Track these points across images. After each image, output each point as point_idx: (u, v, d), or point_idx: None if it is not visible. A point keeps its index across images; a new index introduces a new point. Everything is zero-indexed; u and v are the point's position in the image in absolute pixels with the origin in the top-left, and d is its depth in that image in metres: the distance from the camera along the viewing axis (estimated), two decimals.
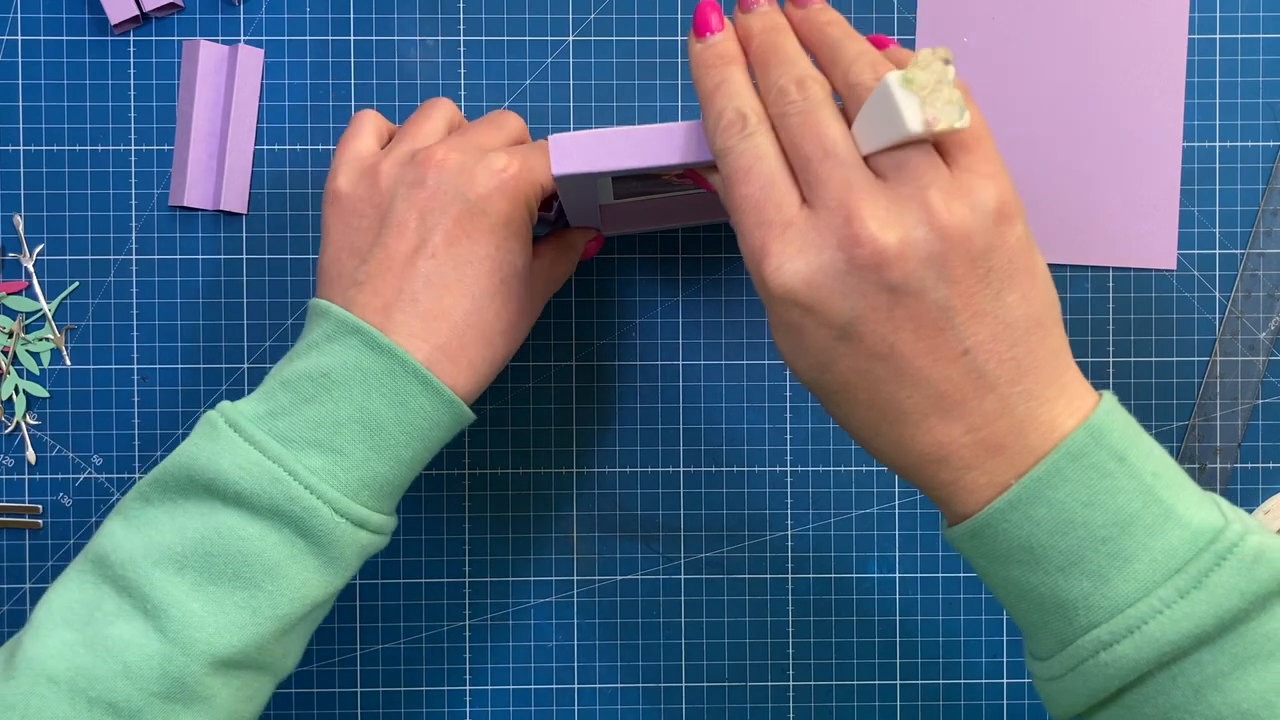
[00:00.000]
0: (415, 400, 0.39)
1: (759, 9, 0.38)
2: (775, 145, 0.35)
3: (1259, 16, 0.54)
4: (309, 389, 0.39)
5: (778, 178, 0.34)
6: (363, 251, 0.41)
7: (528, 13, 0.53)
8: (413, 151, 0.42)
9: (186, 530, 0.38)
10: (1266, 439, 0.54)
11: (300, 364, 0.40)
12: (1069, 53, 0.53)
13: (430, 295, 0.40)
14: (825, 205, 0.33)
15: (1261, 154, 0.54)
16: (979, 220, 0.33)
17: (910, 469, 0.35)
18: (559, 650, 0.54)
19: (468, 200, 0.40)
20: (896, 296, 0.33)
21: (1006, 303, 0.33)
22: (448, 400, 0.40)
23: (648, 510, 0.54)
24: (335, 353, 0.39)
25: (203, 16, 0.53)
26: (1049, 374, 0.34)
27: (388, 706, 0.54)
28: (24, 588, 0.53)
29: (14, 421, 0.53)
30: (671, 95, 0.53)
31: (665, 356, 0.54)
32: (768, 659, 0.54)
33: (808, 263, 0.33)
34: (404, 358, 0.39)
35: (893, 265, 0.32)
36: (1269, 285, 0.54)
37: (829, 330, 0.34)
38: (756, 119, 0.35)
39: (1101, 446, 0.33)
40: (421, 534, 0.54)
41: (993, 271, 0.33)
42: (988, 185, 0.33)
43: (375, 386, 0.39)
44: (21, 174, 0.53)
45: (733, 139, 0.35)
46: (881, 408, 0.34)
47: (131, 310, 0.53)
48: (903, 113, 0.32)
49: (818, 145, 0.34)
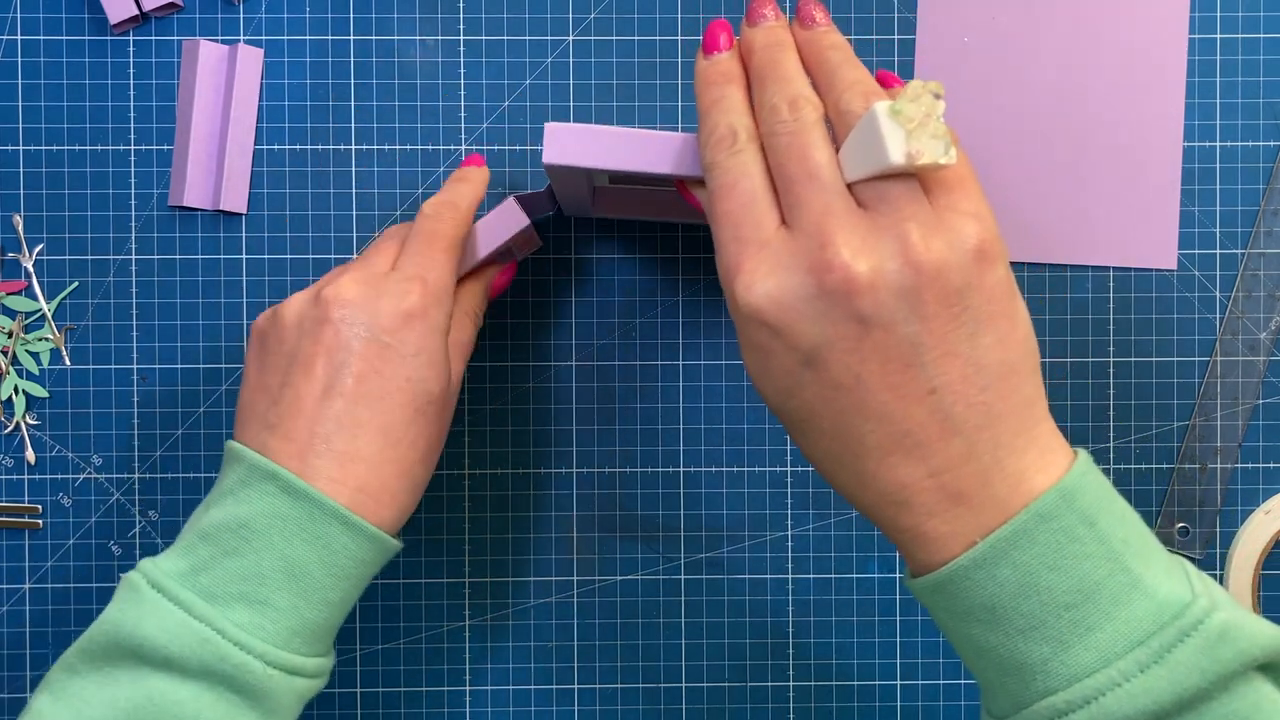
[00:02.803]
0: (338, 542, 0.38)
1: (765, 24, 0.38)
2: (762, 164, 0.35)
3: (1259, 16, 0.54)
4: (229, 541, 0.38)
5: (759, 196, 0.34)
6: (274, 392, 0.40)
7: (528, 13, 0.53)
8: (319, 289, 0.41)
9: (117, 701, 0.36)
10: (1266, 439, 0.54)
11: (218, 513, 0.39)
12: (1069, 53, 0.53)
13: (343, 437, 0.39)
14: (802, 228, 0.33)
15: (1261, 154, 0.54)
16: (957, 258, 0.32)
17: (870, 507, 0.34)
18: (559, 650, 0.54)
19: (374, 335, 0.40)
20: (865, 327, 0.32)
21: (980, 345, 0.33)
22: (372, 537, 0.39)
23: (648, 510, 0.54)
24: (252, 500, 0.38)
25: (203, 16, 0.53)
26: (1020, 423, 0.33)
27: (388, 706, 0.54)
28: (24, 588, 0.53)
29: (14, 421, 0.53)
30: (671, 95, 0.53)
31: (665, 356, 0.54)
32: (768, 659, 0.54)
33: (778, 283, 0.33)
34: (323, 501, 0.38)
35: (863, 294, 0.32)
36: (1269, 285, 0.54)
37: (795, 355, 0.33)
38: (746, 136, 0.35)
39: (1072, 509, 0.32)
40: (421, 534, 0.54)
41: (968, 311, 0.32)
42: (969, 223, 0.33)
43: (296, 533, 0.38)
44: (21, 174, 0.53)
45: (721, 154, 0.35)
46: (844, 439, 0.33)
47: (131, 310, 0.53)
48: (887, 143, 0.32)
49: (802, 167, 0.34)
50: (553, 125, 0.39)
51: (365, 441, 0.39)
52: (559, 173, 0.42)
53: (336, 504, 0.38)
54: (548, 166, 0.40)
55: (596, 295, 0.54)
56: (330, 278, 0.42)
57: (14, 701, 0.53)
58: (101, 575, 0.53)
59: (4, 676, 0.53)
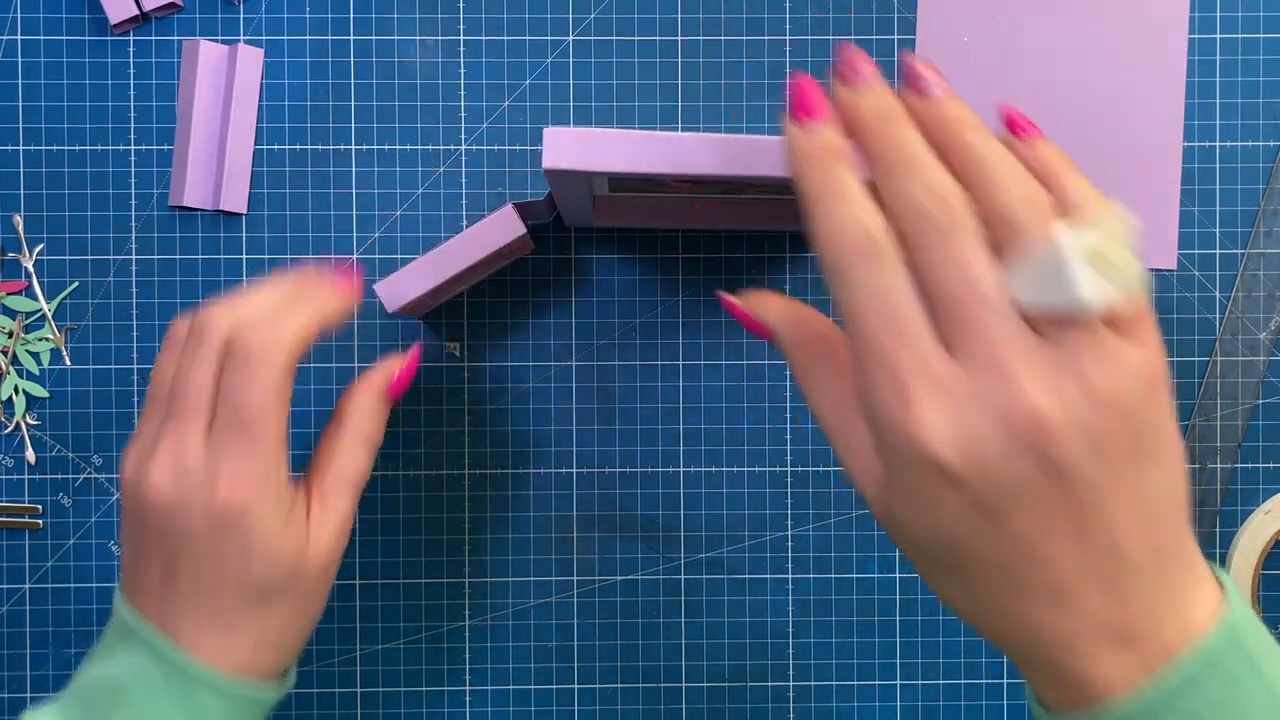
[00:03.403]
0: (205, 702, 0.37)
1: (867, 87, 0.32)
2: (908, 277, 0.30)
3: (1259, 16, 0.54)
4: (101, 702, 0.36)
5: (914, 320, 0.29)
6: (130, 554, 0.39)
7: (528, 13, 0.53)
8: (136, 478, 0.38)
9: None
10: (1266, 439, 0.54)
11: (96, 668, 0.38)
12: (1069, 53, 0.53)
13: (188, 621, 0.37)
14: (977, 362, 0.29)
15: (1261, 154, 0.54)
16: (1135, 392, 0.29)
17: (1020, 647, 0.31)
18: (559, 650, 0.54)
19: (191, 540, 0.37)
20: (1051, 477, 0.29)
21: (1151, 483, 0.30)
22: (242, 699, 0.37)
23: (648, 510, 0.54)
24: (121, 658, 0.37)
25: (203, 16, 0.53)
26: (1183, 559, 0.31)
27: (388, 706, 0.54)
28: (24, 588, 0.53)
29: (14, 421, 0.53)
30: (671, 95, 0.53)
31: (665, 356, 0.54)
32: (768, 659, 0.54)
33: (963, 430, 0.29)
34: (183, 664, 0.37)
35: (1055, 443, 0.28)
36: (1269, 285, 0.54)
37: (972, 505, 0.29)
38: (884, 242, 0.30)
39: (1239, 652, 0.30)
40: (421, 534, 0.54)
41: (1142, 448, 0.29)
42: (1143, 351, 0.29)
43: (161, 695, 0.36)
44: (21, 174, 0.53)
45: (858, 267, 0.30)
46: (1004, 585, 0.30)
47: (131, 310, 0.53)
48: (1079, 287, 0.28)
49: (968, 288, 0.29)
50: (552, 130, 0.38)
51: (209, 626, 0.37)
52: (559, 178, 0.41)
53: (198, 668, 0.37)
54: (548, 172, 0.40)
55: (596, 295, 0.54)
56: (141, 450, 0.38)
57: (14, 701, 0.53)
58: (101, 575, 0.53)
59: (4, 676, 0.53)
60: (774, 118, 0.54)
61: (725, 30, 0.54)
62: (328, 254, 0.53)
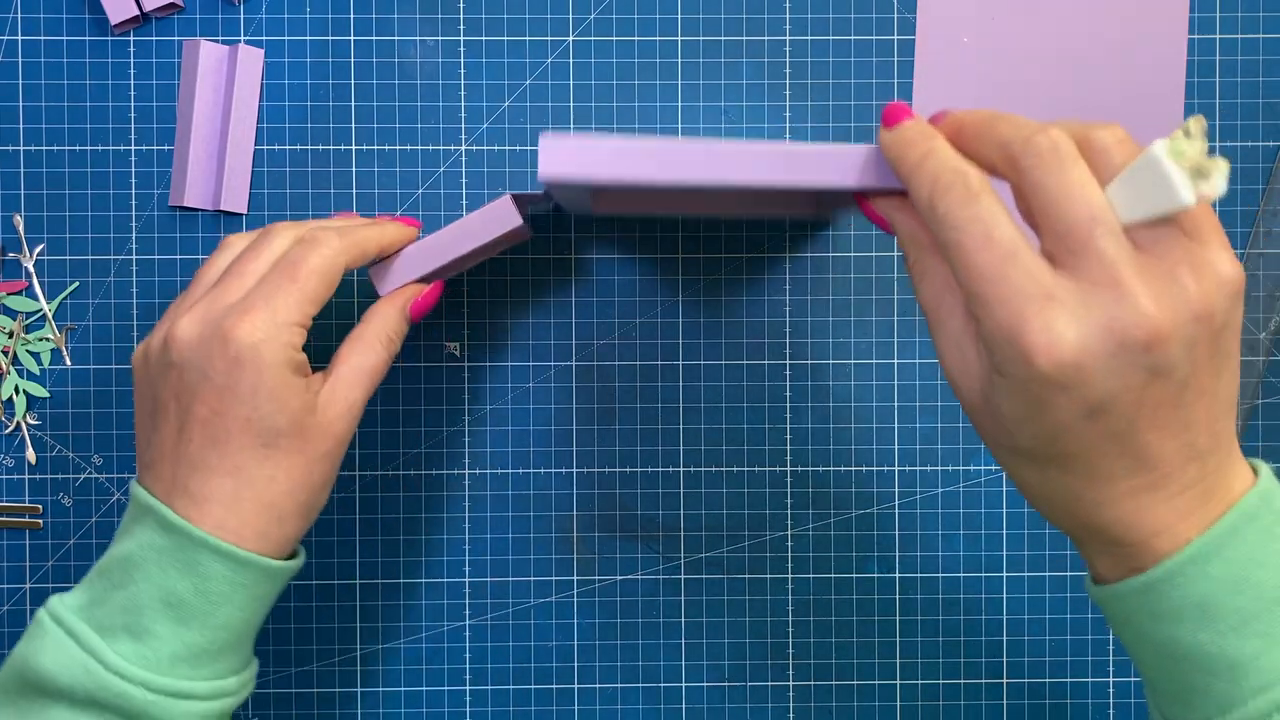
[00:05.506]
0: (209, 568, 0.39)
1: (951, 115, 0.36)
2: (1005, 208, 0.33)
3: (1259, 16, 0.54)
4: (117, 574, 0.40)
5: (1020, 243, 0.32)
6: (146, 432, 0.42)
7: (528, 13, 0.53)
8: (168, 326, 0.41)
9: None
10: (1266, 439, 0.54)
11: (114, 548, 0.41)
12: (1069, 53, 0.53)
13: (196, 480, 0.40)
14: (1091, 277, 0.32)
15: (1261, 154, 0.54)
16: (1222, 299, 0.32)
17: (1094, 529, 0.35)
18: (559, 650, 0.54)
19: (208, 377, 0.40)
20: (1150, 376, 0.32)
21: (1222, 380, 0.33)
22: (244, 561, 0.40)
23: (648, 510, 0.54)
24: (136, 534, 0.40)
25: (203, 16, 0.53)
26: (1232, 443, 0.35)
27: (388, 706, 0.54)
28: (24, 588, 0.53)
29: (14, 421, 0.53)
30: (671, 95, 0.53)
31: (665, 356, 0.54)
32: (768, 659, 0.54)
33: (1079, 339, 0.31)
34: (188, 530, 0.39)
35: (1160, 346, 0.31)
36: (1269, 285, 0.54)
37: (1079, 408, 0.32)
38: (980, 180, 0.33)
39: (1270, 510, 0.34)
40: (421, 534, 0.54)
41: (1221, 350, 0.33)
42: (1226, 260, 0.32)
43: (170, 563, 0.39)
44: (21, 174, 0.53)
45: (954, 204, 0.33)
46: (1092, 476, 0.33)
47: (131, 310, 0.53)
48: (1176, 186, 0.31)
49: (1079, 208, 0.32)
50: (547, 139, 0.38)
51: (216, 484, 0.40)
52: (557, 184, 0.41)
53: (202, 533, 0.39)
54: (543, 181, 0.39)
55: (596, 295, 0.54)
56: (177, 310, 0.42)
57: None
58: None
59: None
60: (774, 118, 0.54)
61: (725, 30, 0.54)
62: None
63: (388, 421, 0.54)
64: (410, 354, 0.54)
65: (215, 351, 0.40)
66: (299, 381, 0.41)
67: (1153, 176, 0.31)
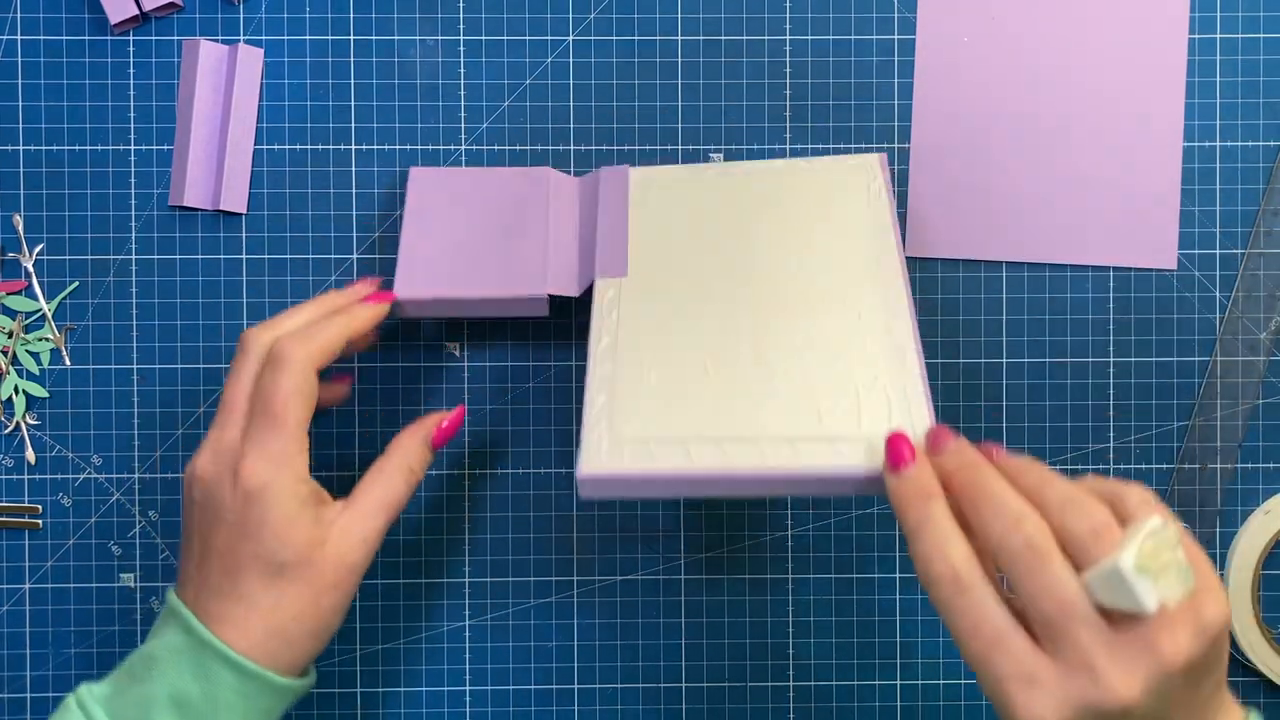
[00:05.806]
0: (218, 675, 0.41)
1: (949, 449, 0.39)
2: (994, 595, 0.36)
3: (1259, 16, 0.54)
4: (139, 669, 0.42)
5: (1005, 631, 0.36)
6: (183, 551, 0.44)
7: (528, 13, 0.53)
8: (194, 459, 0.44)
9: None
10: (1266, 439, 0.54)
11: (144, 645, 0.43)
12: (1069, 53, 0.53)
13: (215, 603, 0.42)
14: (1069, 663, 0.35)
15: (1261, 154, 0.54)
16: (1200, 647, 0.35)
17: None
18: (559, 650, 0.54)
19: (221, 516, 0.42)
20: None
21: (1201, 686, 0.36)
22: (251, 674, 0.41)
23: (648, 510, 0.54)
24: (161, 634, 0.43)
25: (203, 16, 0.53)
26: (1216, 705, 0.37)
27: (388, 706, 0.54)
28: (24, 588, 0.53)
29: (14, 421, 0.53)
30: (671, 95, 0.53)
31: None
32: (768, 659, 0.54)
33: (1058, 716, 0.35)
34: (204, 635, 0.41)
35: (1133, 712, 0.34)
36: (1269, 285, 0.54)
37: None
38: (968, 570, 0.37)
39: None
40: (421, 534, 0.54)
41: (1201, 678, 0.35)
42: (1210, 603, 0.35)
43: (185, 665, 0.41)
44: (21, 174, 0.53)
45: (947, 595, 0.37)
46: None
47: (131, 310, 0.53)
48: (1140, 597, 0.33)
49: (1056, 606, 0.35)
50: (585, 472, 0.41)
51: (229, 608, 0.42)
52: None
53: (217, 641, 0.41)
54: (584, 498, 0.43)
55: None
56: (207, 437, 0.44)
57: (14, 701, 0.53)
58: (101, 575, 0.53)
59: (4, 677, 0.53)
60: (773, 118, 0.53)
61: (725, 30, 0.54)
62: (328, 254, 0.53)
63: (388, 421, 0.54)
64: (410, 354, 0.54)
65: (226, 492, 0.42)
66: (308, 515, 0.43)
67: (1120, 584, 0.34)
